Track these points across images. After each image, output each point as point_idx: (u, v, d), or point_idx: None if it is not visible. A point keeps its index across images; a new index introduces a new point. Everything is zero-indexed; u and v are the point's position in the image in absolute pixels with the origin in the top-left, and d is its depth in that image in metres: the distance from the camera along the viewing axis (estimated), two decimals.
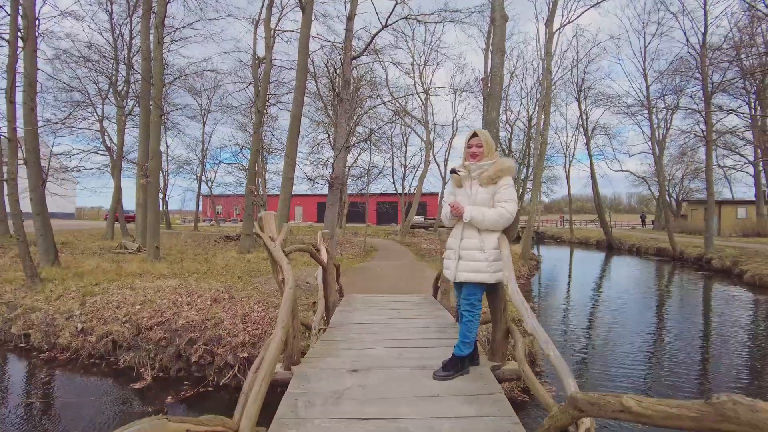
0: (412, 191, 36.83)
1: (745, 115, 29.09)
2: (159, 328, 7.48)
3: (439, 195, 43.35)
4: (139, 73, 16.25)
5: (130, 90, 22.94)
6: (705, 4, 19.77)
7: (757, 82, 27.16)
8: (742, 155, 31.50)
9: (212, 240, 23.45)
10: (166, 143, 36.13)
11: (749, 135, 29.41)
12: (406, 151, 38.45)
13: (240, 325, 7.11)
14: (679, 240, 25.53)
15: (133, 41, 21.89)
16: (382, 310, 5.76)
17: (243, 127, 34.13)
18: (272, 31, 18.87)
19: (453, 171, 3.37)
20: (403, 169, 38.58)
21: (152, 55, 14.22)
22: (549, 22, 18.68)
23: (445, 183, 39.51)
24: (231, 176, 36.96)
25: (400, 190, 38.02)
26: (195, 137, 38.00)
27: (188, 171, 38.81)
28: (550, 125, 26.09)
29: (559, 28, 21.19)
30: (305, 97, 24.15)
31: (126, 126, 23.30)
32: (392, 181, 38.19)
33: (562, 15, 21.87)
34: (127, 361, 7.18)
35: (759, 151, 29.57)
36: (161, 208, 38.37)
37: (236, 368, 6.60)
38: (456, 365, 3.16)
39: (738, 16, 21.38)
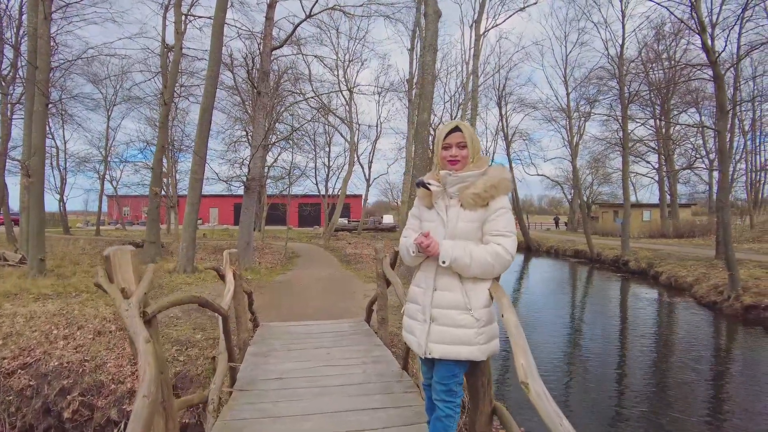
0: (335, 193, 35.62)
1: (651, 126, 30.88)
2: (23, 373, 5.83)
3: (363, 197, 42.45)
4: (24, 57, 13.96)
5: (18, 75, 19.89)
6: (623, 17, 20.41)
7: (662, 95, 28.82)
8: (648, 162, 33.41)
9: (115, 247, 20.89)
10: (63, 138, 32.40)
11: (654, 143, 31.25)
12: (329, 152, 37.21)
13: (127, 368, 5.63)
14: (594, 242, 26.34)
15: (23, 18, 18.95)
16: (306, 350, 4.61)
17: (151, 121, 31.24)
18: (183, 16, 16.97)
19: (421, 184, 2.24)
20: (326, 170, 37.30)
21: (38, 32, 12.08)
22: (477, 24, 18.31)
23: (369, 185, 38.79)
24: (137, 175, 33.63)
25: (323, 192, 36.68)
26: (98, 132, 34.19)
27: (90, 169, 34.95)
28: None
29: (485, 31, 20.99)
30: (221, 91, 22.31)
31: (13, 117, 20.24)
32: (315, 182, 36.76)
33: (487, 19, 21.77)
34: None
35: (663, 158, 31.46)
36: (58, 210, 34.57)
37: (122, 426, 5.18)
38: None
39: (647, 34, 22.47)
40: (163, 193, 22.28)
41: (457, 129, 2.18)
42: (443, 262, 2.06)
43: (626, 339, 10.05)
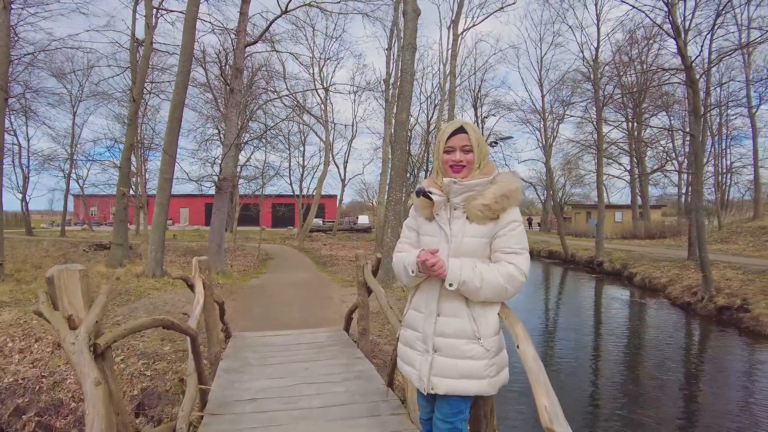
0: (310, 193, 35.18)
1: (623, 129, 31.41)
2: None
3: (338, 197, 41.99)
4: None
5: None
6: (598, 21, 20.66)
7: (635, 98, 29.34)
8: (620, 164, 33.97)
9: (81, 249, 20.08)
10: (27, 135, 31.10)
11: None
12: (304, 151, 36.81)
13: None
14: (567, 242, 26.55)
15: None
16: (282, 365, 4.32)
17: (120, 118, 30.24)
18: (155, 10, 16.38)
19: (421, 192, 1.95)
20: (301, 170, 36.82)
21: None
22: (455, 24, 18.21)
23: (344, 185, 38.40)
24: (105, 174, 32.46)
25: (297, 192, 36.18)
26: (63, 129, 32.89)
27: (55, 167, 33.56)
28: None
29: (462, 32, 20.96)
30: (194, 88, 21.72)
31: None
32: (289, 182, 36.24)
33: (465, 20, 21.75)
34: None
35: (635, 160, 32.02)
36: (21, 210, 33.03)
37: None
38: None
39: (619, 38, 22.83)
40: (131, 192, 21.53)
41: (461, 130, 1.90)
42: (450, 285, 1.79)
43: (603, 340, 10.08)
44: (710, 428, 5.72)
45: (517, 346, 1.72)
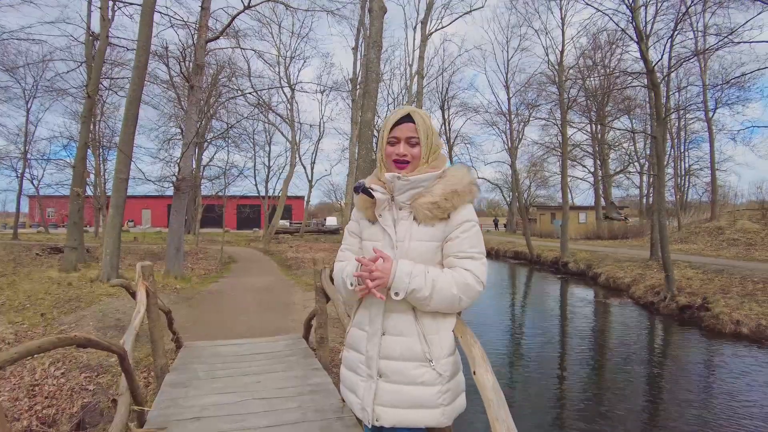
0: (276, 194, 34.59)
1: (587, 132, 32.00)
2: None
3: (305, 198, 41.49)
4: None
5: None
6: (563, 25, 20.94)
7: (598, 101, 29.95)
8: (584, 166, 34.61)
9: (33, 252, 19.09)
10: None
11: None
12: (270, 151, 36.23)
13: (25, 402, 4.76)
14: (533, 243, 26.86)
15: None
16: (233, 378, 4.03)
17: (78, 116, 28.97)
18: (111, 2, 15.72)
19: (360, 189, 1.70)
20: (266, 171, 36.23)
21: None
22: (424, 24, 18.13)
23: (312, 186, 37.97)
24: (62, 174, 31.02)
25: (263, 193, 35.52)
26: (15, 126, 31.27)
27: (7, 167, 31.83)
28: None
29: (430, 33, 20.89)
30: (156, 87, 21.00)
31: None
32: (254, 182, 35.56)
33: (431, 21, 21.70)
34: None
35: (599, 162, 32.67)
36: None
37: None
38: None
39: (584, 43, 23.26)
40: (89, 193, 20.63)
41: (408, 118, 1.65)
42: (396, 294, 1.54)
43: (569, 339, 10.18)
44: (673, 420, 5.86)
45: (474, 373, 1.48)
